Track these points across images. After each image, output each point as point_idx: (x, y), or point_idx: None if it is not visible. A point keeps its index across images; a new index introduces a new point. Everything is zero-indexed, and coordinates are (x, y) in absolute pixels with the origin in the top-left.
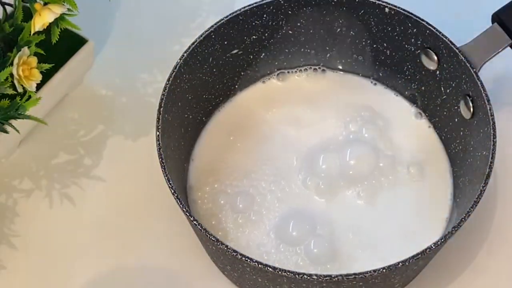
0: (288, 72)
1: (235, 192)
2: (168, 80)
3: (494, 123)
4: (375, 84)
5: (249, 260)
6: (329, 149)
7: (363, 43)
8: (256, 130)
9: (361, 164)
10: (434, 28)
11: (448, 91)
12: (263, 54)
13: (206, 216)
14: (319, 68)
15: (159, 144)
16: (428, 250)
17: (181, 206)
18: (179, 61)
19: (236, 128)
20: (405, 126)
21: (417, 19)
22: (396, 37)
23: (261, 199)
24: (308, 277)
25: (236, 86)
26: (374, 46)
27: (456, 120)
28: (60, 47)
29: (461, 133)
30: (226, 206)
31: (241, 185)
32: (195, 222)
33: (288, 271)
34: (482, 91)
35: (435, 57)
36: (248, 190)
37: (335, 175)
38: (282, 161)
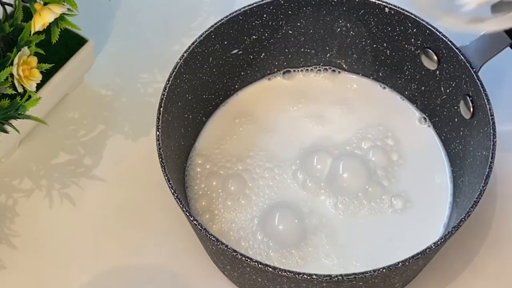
0: (295, 70)
1: (227, 174)
2: (168, 80)
3: (494, 123)
4: (384, 88)
5: (249, 260)
6: (327, 151)
7: (363, 43)
8: (256, 130)
9: (349, 179)
10: (434, 28)
11: (448, 91)
12: (263, 54)
13: (196, 197)
14: (324, 67)
15: (159, 144)
16: (428, 250)
17: (181, 206)
18: (179, 61)
19: (236, 127)
20: (408, 129)
21: (417, 19)
22: (396, 37)
23: (253, 184)
24: (308, 277)
25: (236, 86)
26: (374, 46)
27: (456, 120)
28: (60, 47)
29: (461, 133)
30: (218, 188)
31: (235, 168)
32: (195, 222)
33: (288, 271)
34: (482, 91)
35: (435, 57)
36: (241, 173)
37: (323, 178)
38: (281, 153)
